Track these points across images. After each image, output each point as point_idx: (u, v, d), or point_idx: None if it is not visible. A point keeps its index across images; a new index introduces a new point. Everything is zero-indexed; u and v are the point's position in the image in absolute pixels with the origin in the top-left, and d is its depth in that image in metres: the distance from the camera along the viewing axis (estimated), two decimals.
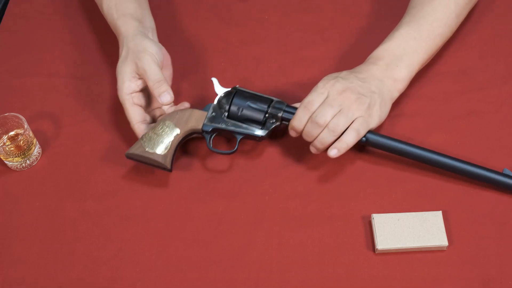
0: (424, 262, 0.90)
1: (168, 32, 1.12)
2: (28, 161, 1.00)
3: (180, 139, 0.96)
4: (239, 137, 0.97)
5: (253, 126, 0.97)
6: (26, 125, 0.98)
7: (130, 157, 0.96)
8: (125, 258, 0.92)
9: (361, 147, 0.99)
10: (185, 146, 1.02)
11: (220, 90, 0.99)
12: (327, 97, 0.93)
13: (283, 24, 1.17)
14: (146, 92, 1.00)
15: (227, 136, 1.02)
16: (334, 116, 0.92)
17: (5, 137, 1.01)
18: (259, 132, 0.96)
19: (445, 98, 1.05)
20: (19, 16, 1.20)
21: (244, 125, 0.97)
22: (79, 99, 1.08)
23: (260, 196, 0.97)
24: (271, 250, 0.92)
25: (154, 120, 1.01)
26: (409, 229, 0.91)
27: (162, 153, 0.95)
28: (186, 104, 1.00)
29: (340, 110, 0.92)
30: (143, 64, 0.95)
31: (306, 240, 0.92)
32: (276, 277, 0.90)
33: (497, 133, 1.01)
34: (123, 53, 0.99)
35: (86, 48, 1.15)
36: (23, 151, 0.98)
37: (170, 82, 1.01)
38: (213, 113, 0.97)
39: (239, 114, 0.96)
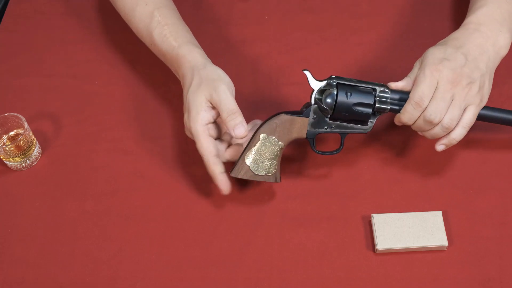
0: (424, 262, 0.90)
1: None
2: (28, 161, 1.00)
3: (284, 149, 0.93)
4: (343, 136, 0.93)
5: (358, 124, 0.92)
6: (26, 125, 0.98)
7: (236, 177, 0.92)
8: (125, 258, 0.92)
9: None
10: (184, 145, 1.02)
11: (315, 85, 0.91)
12: (437, 88, 0.89)
13: (283, 24, 1.17)
14: (217, 123, 0.94)
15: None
16: (448, 110, 0.89)
17: (5, 137, 1.01)
18: (364, 128, 0.92)
19: None
20: (19, 16, 1.20)
21: (349, 125, 0.92)
22: (79, 99, 1.08)
23: (260, 196, 0.97)
24: (271, 250, 0.92)
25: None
26: (409, 229, 0.91)
27: (273, 173, 0.92)
28: (258, 122, 0.95)
29: (452, 101, 0.89)
30: (219, 94, 0.89)
31: (306, 240, 0.92)
32: (276, 277, 0.90)
33: (497, 133, 1.01)
34: (194, 81, 0.92)
35: (86, 48, 1.15)
36: (23, 151, 0.98)
37: None
38: (315, 116, 0.91)
39: (344, 115, 0.91)
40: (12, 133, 1.01)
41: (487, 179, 0.97)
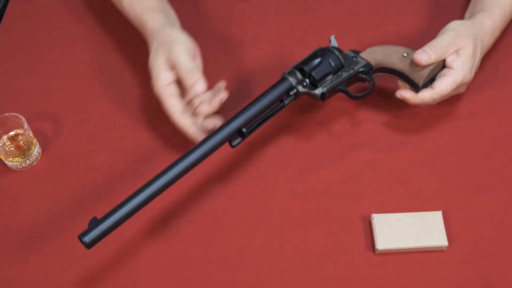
0: (424, 262, 0.90)
1: None
2: (28, 161, 1.00)
3: None
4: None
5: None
6: (26, 125, 0.98)
7: None
8: (125, 258, 0.92)
9: None
10: (184, 145, 1.02)
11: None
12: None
13: (284, 24, 1.17)
14: (180, 84, 0.96)
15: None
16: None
17: (5, 137, 1.01)
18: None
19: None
20: (19, 16, 1.20)
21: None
22: (79, 99, 1.08)
23: (260, 196, 0.97)
24: (271, 250, 0.92)
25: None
26: (409, 229, 0.91)
27: None
28: (221, 84, 0.98)
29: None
30: (175, 54, 0.93)
31: (306, 240, 0.92)
32: (276, 277, 0.90)
33: (497, 133, 1.01)
34: (153, 47, 0.97)
35: (86, 48, 1.15)
36: (23, 151, 0.98)
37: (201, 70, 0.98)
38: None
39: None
40: (12, 133, 1.01)
41: (487, 179, 0.97)
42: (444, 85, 0.95)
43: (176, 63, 0.93)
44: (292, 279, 0.89)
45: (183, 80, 0.92)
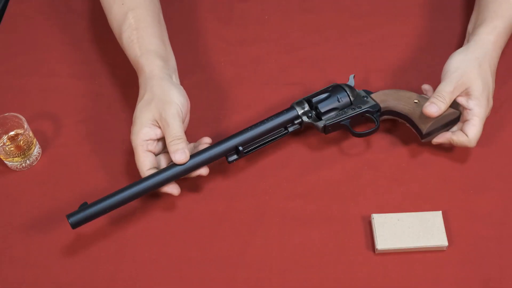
0: (424, 262, 0.90)
1: (168, 32, 1.12)
2: (28, 161, 1.00)
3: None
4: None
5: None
6: (26, 125, 0.98)
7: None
8: (125, 258, 0.92)
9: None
10: None
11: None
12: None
13: (283, 24, 1.17)
14: (162, 140, 0.95)
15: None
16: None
17: (5, 137, 1.01)
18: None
19: None
20: (19, 16, 1.20)
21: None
22: (79, 99, 1.08)
23: (260, 196, 0.97)
24: (271, 250, 0.92)
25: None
26: (409, 229, 0.91)
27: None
28: (206, 140, 0.97)
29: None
30: (167, 117, 0.91)
31: (306, 240, 0.92)
32: (276, 277, 0.90)
33: (497, 133, 1.01)
34: (146, 96, 0.94)
35: (86, 48, 1.15)
36: (23, 151, 0.98)
37: (185, 127, 0.97)
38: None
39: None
40: (12, 133, 1.01)
41: (487, 179, 0.97)
42: (473, 129, 0.94)
43: (167, 126, 0.91)
44: (292, 279, 0.89)
45: (168, 144, 0.91)
